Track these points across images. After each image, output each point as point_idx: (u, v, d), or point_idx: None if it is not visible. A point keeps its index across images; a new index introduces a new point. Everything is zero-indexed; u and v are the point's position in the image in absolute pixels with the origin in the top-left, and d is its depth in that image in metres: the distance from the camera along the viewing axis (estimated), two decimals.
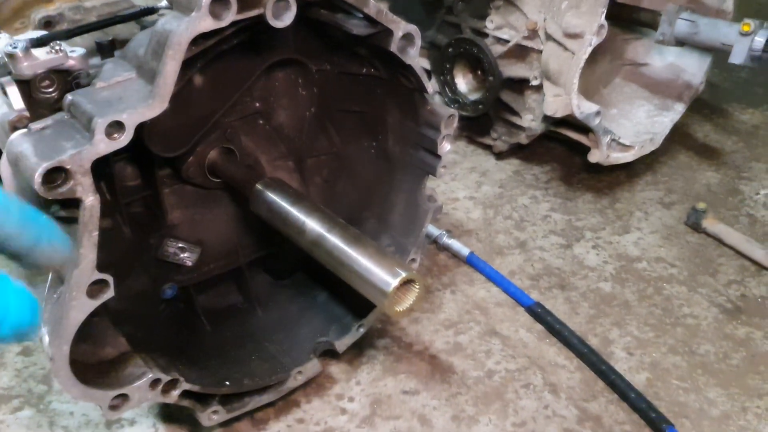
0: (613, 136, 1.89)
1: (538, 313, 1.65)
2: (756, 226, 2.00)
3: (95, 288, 0.98)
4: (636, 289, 1.77)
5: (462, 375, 1.52)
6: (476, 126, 2.18)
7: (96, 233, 0.94)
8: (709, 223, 1.93)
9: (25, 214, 0.67)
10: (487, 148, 2.21)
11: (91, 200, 0.92)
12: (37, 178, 0.87)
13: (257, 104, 1.38)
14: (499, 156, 2.20)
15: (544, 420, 1.43)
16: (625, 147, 1.95)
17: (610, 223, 1.99)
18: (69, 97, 0.97)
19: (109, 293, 0.99)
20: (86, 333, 1.08)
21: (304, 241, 1.17)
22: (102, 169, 1.20)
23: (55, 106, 1.19)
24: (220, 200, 1.40)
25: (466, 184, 2.11)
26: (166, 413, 1.38)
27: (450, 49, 2.05)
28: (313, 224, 1.16)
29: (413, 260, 1.44)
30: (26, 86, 1.19)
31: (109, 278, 0.98)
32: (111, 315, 1.17)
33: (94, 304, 0.99)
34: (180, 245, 1.35)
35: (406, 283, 1.07)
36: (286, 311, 1.48)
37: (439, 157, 1.34)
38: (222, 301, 1.47)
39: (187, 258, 1.36)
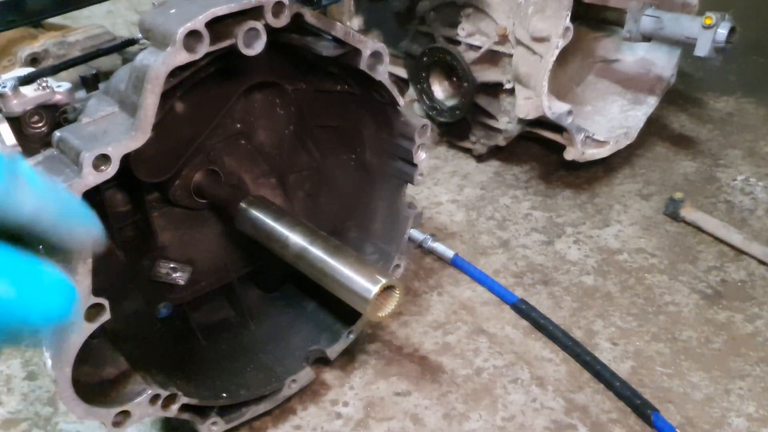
0: (587, 133, 1.95)
1: (523, 310, 1.71)
2: (734, 212, 2.06)
3: (92, 311, 1.03)
4: (618, 280, 1.83)
5: (451, 374, 1.57)
6: (455, 131, 2.24)
7: (90, 260, 0.99)
8: (687, 212, 1.99)
9: (50, 187, 0.59)
10: (467, 151, 2.27)
11: None
12: None
13: (238, 125, 1.44)
14: (479, 158, 2.26)
15: (533, 413, 1.48)
16: (600, 143, 2.01)
17: (590, 218, 2.05)
18: (57, 134, 1.03)
19: (106, 316, 1.05)
20: (86, 355, 1.13)
21: (289, 255, 1.23)
22: (93, 197, 1.26)
23: (46, 140, 1.25)
24: (208, 220, 1.46)
25: (448, 188, 2.17)
26: (169, 427, 1.43)
27: (425, 58, 2.11)
28: (295, 238, 1.22)
29: (397, 266, 1.50)
30: (17, 123, 1.25)
31: (105, 302, 1.03)
32: (109, 336, 1.22)
33: (92, 327, 1.04)
34: (172, 265, 1.41)
35: (387, 289, 1.13)
36: (277, 322, 1.54)
37: (415, 165, 1.40)
38: (215, 316, 1.52)
39: (179, 277, 1.42)
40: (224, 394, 1.32)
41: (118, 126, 1.01)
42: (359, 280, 1.12)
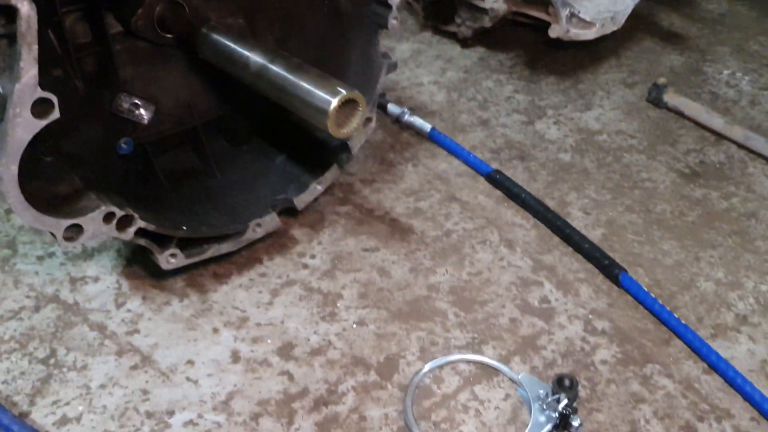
0: (573, 10, 1.89)
1: (497, 179, 1.68)
2: (718, 102, 2.03)
3: (40, 108, 1.00)
4: (595, 158, 1.80)
5: (421, 235, 1.55)
6: (440, 14, 2.18)
7: (35, 47, 0.95)
8: (670, 97, 1.96)
9: None
10: (453, 36, 2.21)
11: (26, 9, 0.92)
12: None
13: None
14: (465, 44, 2.21)
15: (499, 270, 1.47)
16: (587, 23, 1.95)
17: (572, 102, 2.01)
18: None
19: (55, 114, 1.01)
20: (38, 171, 1.11)
21: (249, 75, 1.19)
22: (50, 18, 1.22)
23: None
24: (173, 57, 1.41)
25: (430, 71, 2.12)
26: (129, 271, 1.41)
27: None
28: (256, 57, 1.18)
29: (369, 119, 1.46)
30: None
31: (53, 97, 1.00)
32: (66, 159, 1.19)
33: (40, 123, 1.00)
34: (134, 101, 1.37)
35: (349, 103, 1.09)
36: (244, 173, 1.51)
37: (390, 7, 1.35)
38: (181, 165, 1.49)
39: (142, 115, 1.38)
40: (184, 227, 1.29)
41: None
42: (319, 93, 1.08)
